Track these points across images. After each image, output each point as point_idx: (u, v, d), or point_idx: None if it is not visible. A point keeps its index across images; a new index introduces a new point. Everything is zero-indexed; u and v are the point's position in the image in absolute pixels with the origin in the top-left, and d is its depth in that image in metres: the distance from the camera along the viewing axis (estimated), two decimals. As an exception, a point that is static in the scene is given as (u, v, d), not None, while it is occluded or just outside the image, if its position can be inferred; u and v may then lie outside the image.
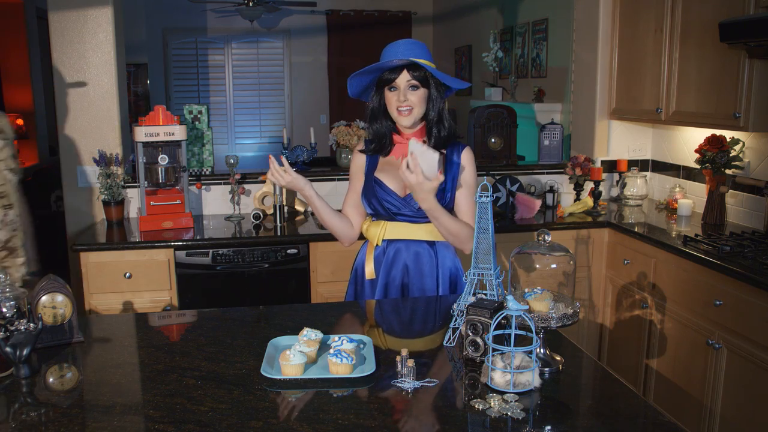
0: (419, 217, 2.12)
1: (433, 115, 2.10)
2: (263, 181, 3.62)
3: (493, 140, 3.98)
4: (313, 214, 3.61)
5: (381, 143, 2.17)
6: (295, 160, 3.88)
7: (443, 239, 2.14)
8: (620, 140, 3.97)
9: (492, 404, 1.40)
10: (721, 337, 2.59)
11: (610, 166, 3.95)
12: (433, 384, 1.51)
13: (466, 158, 2.15)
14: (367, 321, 2.05)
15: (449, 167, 2.13)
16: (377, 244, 2.20)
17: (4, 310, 1.56)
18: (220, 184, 3.67)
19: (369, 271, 2.20)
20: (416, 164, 1.89)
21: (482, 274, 1.72)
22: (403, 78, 2.04)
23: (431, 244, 2.17)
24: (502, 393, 1.45)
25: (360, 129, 3.79)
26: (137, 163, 3.24)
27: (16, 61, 6.12)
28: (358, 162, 2.22)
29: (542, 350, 1.64)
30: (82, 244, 3.01)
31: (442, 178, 1.92)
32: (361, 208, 2.25)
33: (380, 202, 2.13)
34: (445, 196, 2.10)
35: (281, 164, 2.08)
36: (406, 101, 2.04)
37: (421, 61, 2.03)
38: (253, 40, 8.16)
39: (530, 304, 1.65)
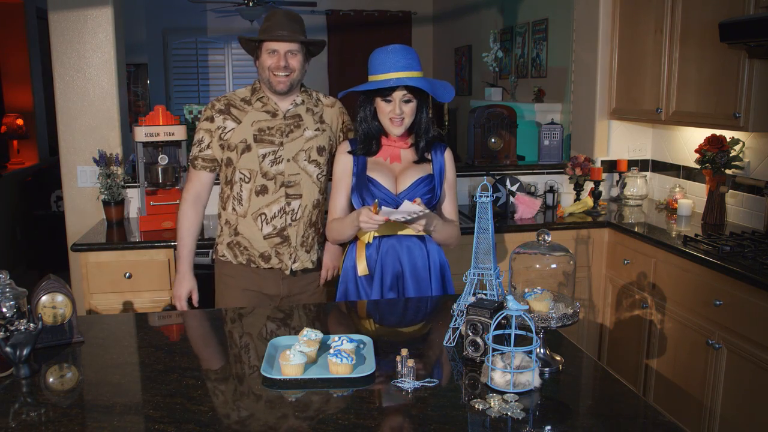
0: None
1: (422, 124, 2.24)
2: None
3: (493, 140, 3.98)
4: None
5: (369, 145, 2.26)
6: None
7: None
8: (620, 140, 3.97)
9: (492, 404, 1.40)
10: (721, 337, 2.59)
11: (610, 166, 3.95)
12: (433, 384, 1.51)
13: (448, 158, 2.30)
14: (366, 321, 2.05)
15: (435, 163, 2.27)
16: (369, 242, 2.25)
17: (4, 310, 1.56)
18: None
19: (362, 268, 2.26)
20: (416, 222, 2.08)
21: (482, 274, 1.72)
22: (399, 93, 2.16)
23: (420, 238, 2.28)
24: (502, 393, 1.45)
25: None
26: (137, 163, 3.24)
27: (16, 61, 6.12)
28: (346, 165, 2.28)
29: (542, 350, 1.64)
30: (82, 244, 3.01)
31: (421, 205, 2.05)
32: (350, 210, 2.29)
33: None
34: (436, 192, 2.25)
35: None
36: (401, 113, 2.16)
37: (417, 74, 2.14)
38: (253, 40, 8.15)
39: (530, 304, 1.66)
